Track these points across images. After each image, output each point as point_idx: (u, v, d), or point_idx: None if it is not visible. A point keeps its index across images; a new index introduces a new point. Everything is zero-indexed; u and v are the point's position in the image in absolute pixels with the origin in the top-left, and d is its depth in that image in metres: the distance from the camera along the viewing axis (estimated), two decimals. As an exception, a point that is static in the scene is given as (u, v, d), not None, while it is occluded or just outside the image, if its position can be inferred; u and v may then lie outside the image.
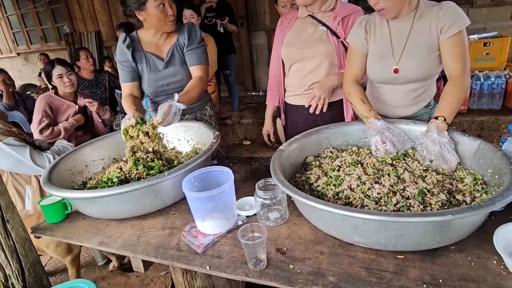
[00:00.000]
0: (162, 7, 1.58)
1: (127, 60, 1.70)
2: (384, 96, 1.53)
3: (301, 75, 1.73)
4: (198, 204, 1.13)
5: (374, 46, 1.45)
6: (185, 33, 1.71)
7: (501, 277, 0.87)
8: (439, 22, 1.30)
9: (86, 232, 1.30)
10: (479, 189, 1.08)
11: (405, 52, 1.39)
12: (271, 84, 1.94)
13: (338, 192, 1.12)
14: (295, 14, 1.77)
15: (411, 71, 1.40)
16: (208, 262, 1.06)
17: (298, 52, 1.71)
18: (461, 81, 1.27)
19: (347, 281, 0.91)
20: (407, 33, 1.37)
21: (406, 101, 1.50)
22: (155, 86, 1.77)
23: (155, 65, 1.73)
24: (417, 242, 0.91)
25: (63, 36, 6.78)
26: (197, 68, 1.73)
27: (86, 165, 1.63)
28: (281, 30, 1.79)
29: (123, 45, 1.68)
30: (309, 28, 1.69)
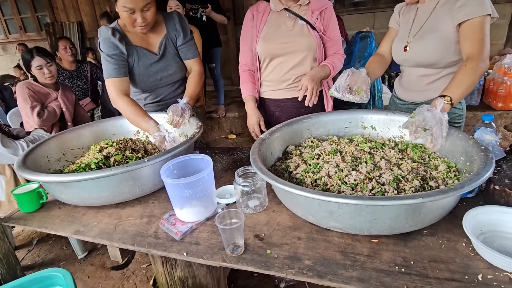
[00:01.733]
0: (130, 14, 1.47)
1: (119, 54, 1.56)
2: (403, 78, 1.63)
3: (283, 70, 1.70)
4: (176, 191, 1.12)
5: (401, 27, 1.56)
6: (176, 25, 1.67)
7: (469, 258, 0.90)
8: (454, 10, 1.31)
9: (61, 221, 1.28)
10: (451, 176, 1.11)
11: (419, 33, 1.44)
12: (245, 77, 1.80)
13: (316, 179, 1.13)
14: (266, 7, 1.69)
15: (417, 53, 1.44)
16: (185, 249, 1.06)
17: (279, 46, 1.65)
18: (475, 63, 1.22)
19: (322, 264, 0.93)
20: (427, 17, 1.42)
21: (419, 86, 1.54)
22: (148, 81, 1.72)
23: (147, 59, 1.66)
24: (391, 226, 0.93)
25: (43, 26, 6.56)
26: (194, 62, 1.76)
27: (64, 153, 1.59)
28: (254, 24, 1.70)
29: (114, 39, 1.55)
30: (287, 21, 1.65)
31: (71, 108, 2.52)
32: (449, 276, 0.85)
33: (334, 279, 0.88)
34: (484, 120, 1.28)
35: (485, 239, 0.95)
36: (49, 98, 2.38)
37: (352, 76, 1.38)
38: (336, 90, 1.36)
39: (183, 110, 1.57)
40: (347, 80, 1.36)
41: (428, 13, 1.42)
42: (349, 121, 1.53)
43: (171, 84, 1.81)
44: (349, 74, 1.37)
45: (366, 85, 1.39)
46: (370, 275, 0.88)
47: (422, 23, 1.43)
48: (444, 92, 1.22)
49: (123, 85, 1.58)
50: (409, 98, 1.59)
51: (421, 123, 1.15)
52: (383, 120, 1.48)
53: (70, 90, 2.59)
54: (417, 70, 1.50)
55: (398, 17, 1.59)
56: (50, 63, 2.33)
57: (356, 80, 1.38)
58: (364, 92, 1.35)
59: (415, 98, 1.55)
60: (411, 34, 1.47)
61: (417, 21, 1.46)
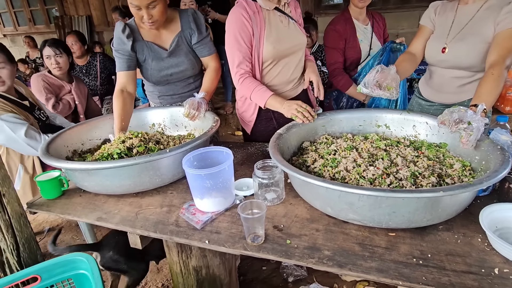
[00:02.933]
0: (137, 10, 1.50)
1: (124, 50, 1.62)
2: (432, 79, 1.62)
3: (290, 71, 1.65)
4: (198, 181, 1.16)
5: (438, 27, 1.55)
6: (190, 24, 1.67)
7: (485, 253, 0.93)
8: (499, 15, 1.33)
9: (83, 208, 1.31)
10: (467, 175, 1.14)
11: (459, 35, 1.45)
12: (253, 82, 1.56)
13: (334, 173, 1.16)
14: (256, 6, 1.54)
15: (457, 55, 1.45)
16: (207, 237, 1.09)
17: (286, 47, 1.59)
18: (500, 71, 1.24)
19: (341, 255, 0.96)
20: (469, 19, 1.43)
21: (451, 87, 1.55)
22: (158, 76, 1.76)
23: (157, 54, 1.70)
24: (409, 219, 0.96)
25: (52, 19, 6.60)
26: (210, 59, 1.77)
27: (82, 143, 1.62)
28: (255, 25, 1.52)
29: (122, 35, 1.59)
30: (283, 20, 1.60)
31: (83, 101, 2.56)
32: (466, 269, 0.88)
33: (354, 268, 0.91)
34: (499, 121, 1.31)
35: (501, 235, 0.97)
36: (63, 91, 2.42)
37: (382, 73, 1.38)
38: (364, 86, 1.37)
39: (199, 104, 1.61)
40: (376, 77, 1.36)
41: (470, 15, 1.42)
42: (363, 119, 1.56)
43: (183, 80, 1.84)
44: (378, 71, 1.37)
45: (395, 82, 1.38)
46: (389, 266, 0.91)
47: (463, 24, 1.43)
48: (477, 100, 1.20)
49: (125, 80, 1.65)
50: (439, 100, 1.60)
51: (465, 117, 1.12)
52: (397, 119, 1.50)
53: (83, 83, 2.62)
54: (451, 72, 1.51)
55: (434, 16, 1.57)
56: (60, 54, 2.36)
57: (385, 77, 1.38)
58: (394, 88, 1.36)
59: (446, 99, 1.57)
60: (450, 35, 1.46)
61: (457, 22, 1.46)
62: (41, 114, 1.99)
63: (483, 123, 1.12)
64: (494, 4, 1.37)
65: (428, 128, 1.41)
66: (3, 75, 1.75)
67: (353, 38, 2.01)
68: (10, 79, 1.78)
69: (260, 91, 1.54)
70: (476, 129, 1.10)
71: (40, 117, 1.96)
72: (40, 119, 1.95)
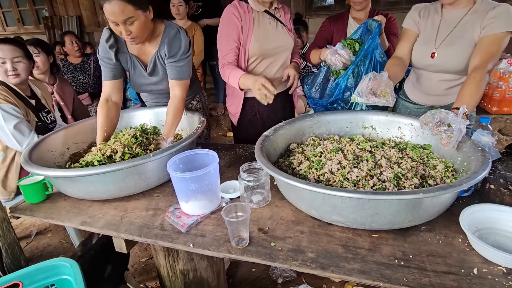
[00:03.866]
0: (115, 26, 1.39)
1: (109, 58, 1.56)
2: (420, 82, 1.62)
3: (274, 69, 1.79)
4: (183, 184, 1.15)
5: (424, 31, 1.55)
6: (165, 44, 1.53)
7: (465, 253, 0.94)
8: (485, 19, 1.35)
9: (67, 213, 1.29)
10: (449, 176, 1.15)
11: (447, 40, 1.45)
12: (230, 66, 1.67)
13: (319, 175, 1.16)
14: (247, 7, 1.68)
15: (446, 59, 1.46)
16: (191, 240, 1.08)
17: (272, 46, 1.74)
18: (482, 75, 1.26)
19: (325, 257, 0.96)
20: (456, 23, 1.44)
21: (438, 90, 1.57)
22: (139, 88, 1.77)
23: (139, 71, 1.66)
24: (391, 220, 0.97)
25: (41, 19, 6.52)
26: (176, 84, 1.57)
27: (68, 147, 1.60)
28: (243, 23, 1.66)
29: (106, 44, 1.54)
30: (271, 22, 1.74)
31: (69, 101, 2.52)
32: (447, 269, 0.89)
33: (337, 270, 0.91)
34: (481, 122, 1.33)
35: (481, 235, 0.99)
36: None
37: (374, 80, 1.34)
38: (358, 95, 1.35)
39: None
40: (369, 85, 1.33)
41: (457, 19, 1.43)
42: (350, 121, 1.57)
43: (163, 94, 1.78)
44: (371, 78, 1.34)
45: (390, 88, 1.35)
46: (371, 267, 0.91)
47: (451, 28, 1.44)
48: (459, 103, 1.22)
49: (110, 89, 1.61)
50: (428, 102, 1.61)
51: (446, 120, 1.14)
52: (383, 120, 1.51)
53: (68, 84, 2.58)
54: (439, 75, 1.52)
55: (418, 19, 1.56)
56: (38, 54, 2.30)
57: (379, 84, 1.34)
58: (389, 94, 1.32)
59: (434, 102, 1.58)
60: (438, 40, 1.47)
61: (444, 26, 1.46)
62: (48, 117, 1.98)
63: (464, 125, 1.14)
64: (480, 9, 1.40)
65: (413, 130, 1.42)
66: (19, 68, 1.85)
67: (339, 37, 1.96)
68: (25, 72, 1.88)
69: (233, 72, 1.64)
70: (457, 131, 1.12)
71: (45, 119, 1.95)
72: (44, 122, 1.93)
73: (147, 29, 1.48)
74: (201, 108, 1.98)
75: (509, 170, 1.20)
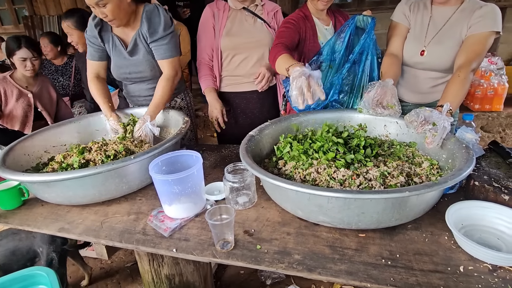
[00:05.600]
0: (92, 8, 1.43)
1: (94, 37, 1.60)
2: (406, 80, 1.61)
3: (249, 64, 1.82)
4: (165, 187, 1.11)
5: (414, 27, 1.53)
6: (144, 21, 1.51)
7: (451, 251, 0.94)
8: (472, 18, 1.36)
9: (44, 219, 1.24)
10: (434, 173, 1.15)
11: (436, 38, 1.45)
12: (204, 70, 1.85)
13: (305, 175, 1.15)
14: (225, 5, 1.79)
15: (435, 57, 1.46)
16: (174, 245, 1.05)
17: (244, 41, 1.77)
18: (466, 73, 1.27)
19: (311, 259, 0.94)
20: (445, 21, 1.44)
21: (424, 88, 1.56)
22: (118, 72, 1.72)
23: (119, 51, 1.64)
24: (378, 219, 0.95)
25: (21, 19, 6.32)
26: (165, 63, 1.57)
27: (45, 150, 1.54)
28: (216, 21, 1.77)
29: (92, 22, 1.58)
30: (248, 18, 1.79)
31: (50, 106, 2.40)
32: (433, 268, 0.88)
33: (324, 272, 0.90)
34: (465, 119, 1.34)
35: (466, 232, 0.99)
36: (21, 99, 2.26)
37: (381, 89, 1.31)
38: (364, 106, 1.33)
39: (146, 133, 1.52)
40: (375, 95, 1.31)
41: (446, 17, 1.44)
42: (336, 119, 1.55)
43: (142, 82, 1.75)
44: (376, 87, 1.31)
45: (395, 97, 1.33)
46: (358, 268, 0.90)
47: (440, 27, 1.44)
48: (443, 101, 1.24)
49: (97, 68, 1.67)
50: (414, 100, 1.61)
51: (430, 118, 1.16)
52: (369, 119, 1.50)
53: (51, 87, 2.47)
54: (426, 73, 1.52)
55: (408, 13, 1.53)
56: (36, 58, 2.23)
57: (385, 93, 1.32)
58: (396, 105, 1.31)
59: (421, 99, 1.58)
60: (428, 38, 1.46)
61: (433, 23, 1.46)
62: None
63: (448, 122, 1.15)
64: (468, 8, 1.41)
65: (398, 128, 1.42)
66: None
67: (313, 39, 1.70)
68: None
69: (202, 79, 1.87)
70: (442, 129, 1.13)
71: None
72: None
73: (124, 12, 1.48)
74: (185, 107, 1.93)
75: (492, 166, 1.21)
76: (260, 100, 1.93)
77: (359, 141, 1.25)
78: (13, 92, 2.23)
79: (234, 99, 1.91)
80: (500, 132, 3.69)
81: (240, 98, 1.92)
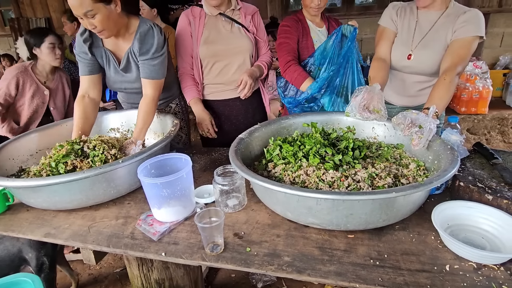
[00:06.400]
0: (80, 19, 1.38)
1: (84, 52, 1.54)
2: (394, 83, 1.64)
3: (230, 72, 1.81)
4: (154, 190, 1.10)
5: (401, 31, 1.56)
6: (137, 41, 1.50)
7: (437, 250, 0.95)
8: (456, 23, 1.40)
9: (30, 224, 1.21)
10: (421, 174, 1.17)
11: (422, 42, 1.48)
12: (186, 81, 1.82)
13: (294, 177, 1.15)
14: (201, 12, 1.75)
15: (422, 61, 1.49)
16: (163, 249, 1.04)
17: (223, 48, 1.75)
18: (451, 77, 1.31)
19: (301, 260, 0.95)
20: (430, 26, 1.47)
21: (412, 91, 1.60)
22: (113, 86, 1.70)
23: (114, 67, 1.61)
24: (366, 220, 0.97)
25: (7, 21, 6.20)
26: (148, 83, 1.52)
27: (31, 154, 1.51)
28: (193, 29, 1.74)
29: (80, 38, 1.52)
30: (225, 25, 1.77)
31: (62, 105, 2.34)
32: (420, 267, 0.89)
33: (313, 274, 0.90)
34: (450, 121, 1.37)
35: (452, 232, 1.01)
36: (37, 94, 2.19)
37: (368, 94, 1.33)
38: (351, 110, 1.35)
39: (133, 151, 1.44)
40: (362, 99, 1.32)
41: (431, 22, 1.47)
42: (325, 122, 1.57)
43: (138, 93, 1.68)
44: (363, 92, 1.33)
45: (382, 102, 1.34)
46: (347, 269, 0.91)
47: (426, 31, 1.48)
48: (429, 104, 1.27)
49: (88, 84, 1.58)
50: (401, 103, 1.65)
51: (417, 120, 1.19)
52: (357, 121, 1.52)
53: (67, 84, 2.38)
54: (413, 77, 1.55)
55: (396, 17, 1.56)
56: (61, 44, 2.20)
57: (371, 98, 1.34)
58: (382, 110, 1.33)
59: (408, 102, 1.62)
60: (414, 42, 1.50)
61: (419, 28, 1.50)
62: None
63: (434, 124, 1.18)
64: (452, 13, 1.45)
65: (386, 130, 1.44)
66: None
67: (306, 38, 1.84)
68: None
69: (186, 90, 1.83)
70: (428, 131, 1.16)
71: None
72: None
73: (114, 23, 1.43)
74: (179, 112, 1.93)
75: (477, 167, 1.24)
76: (243, 106, 1.92)
77: (347, 143, 1.27)
78: (31, 87, 2.15)
79: (218, 106, 1.90)
80: (486, 134, 3.78)
81: (223, 106, 1.90)
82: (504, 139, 3.77)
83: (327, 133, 1.37)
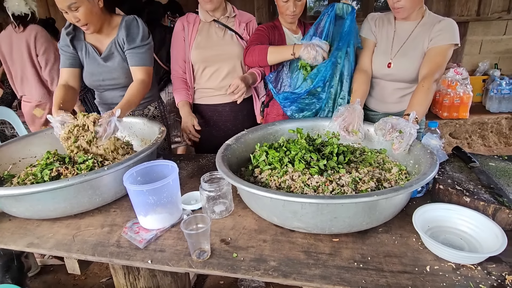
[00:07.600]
0: (65, 13, 1.45)
1: (67, 45, 1.62)
2: (376, 90, 1.69)
3: (220, 77, 1.84)
4: (140, 198, 1.10)
5: (380, 41, 1.61)
6: (123, 30, 1.59)
7: (418, 252, 0.98)
8: (432, 32, 1.46)
9: (12, 234, 1.19)
10: (403, 178, 1.21)
11: (401, 51, 1.55)
12: (177, 84, 1.87)
13: (280, 183, 1.17)
14: (196, 18, 1.82)
15: (401, 69, 1.55)
16: (150, 257, 1.03)
17: (213, 54, 1.80)
18: (429, 84, 1.37)
19: (287, 265, 0.96)
20: (408, 35, 1.54)
21: (393, 98, 1.66)
22: (91, 79, 1.72)
23: (93, 57, 1.66)
24: (350, 224, 0.99)
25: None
26: (138, 70, 1.60)
27: (14, 163, 1.48)
28: (186, 34, 1.81)
29: (64, 31, 1.61)
30: (218, 32, 1.82)
31: None
32: (402, 269, 0.92)
33: (298, 277, 0.91)
34: (430, 126, 1.41)
35: (432, 233, 1.04)
36: None
37: (349, 116, 1.40)
38: (331, 130, 1.43)
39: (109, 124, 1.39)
40: (343, 121, 1.39)
41: (408, 31, 1.54)
42: (311, 128, 1.60)
43: (116, 89, 1.75)
44: (343, 112, 1.41)
45: (361, 123, 1.40)
46: (332, 272, 0.92)
47: (403, 40, 1.54)
48: (409, 110, 1.33)
49: (68, 76, 1.65)
50: (383, 109, 1.71)
51: (397, 126, 1.25)
52: (342, 126, 1.56)
53: None
54: (394, 84, 1.61)
55: (374, 28, 1.63)
56: None
57: (352, 119, 1.39)
58: (360, 132, 1.39)
59: (390, 109, 1.68)
60: (393, 51, 1.56)
61: (398, 37, 1.56)
62: None
63: (415, 129, 1.22)
64: (428, 22, 1.51)
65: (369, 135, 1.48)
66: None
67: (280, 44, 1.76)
68: None
69: (176, 92, 1.88)
70: (408, 135, 1.20)
71: None
72: None
73: (97, 17, 1.52)
74: (158, 116, 1.93)
75: (455, 171, 1.28)
76: (232, 112, 1.94)
77: (332, 149, 1.29)
78: None
79: (207, 111, 1.93)
80: (467, 138, 3.90)
81: (212, 111, 1.93)
82: (484, 143, 3.90)
83: (312, 139, 1.40)
